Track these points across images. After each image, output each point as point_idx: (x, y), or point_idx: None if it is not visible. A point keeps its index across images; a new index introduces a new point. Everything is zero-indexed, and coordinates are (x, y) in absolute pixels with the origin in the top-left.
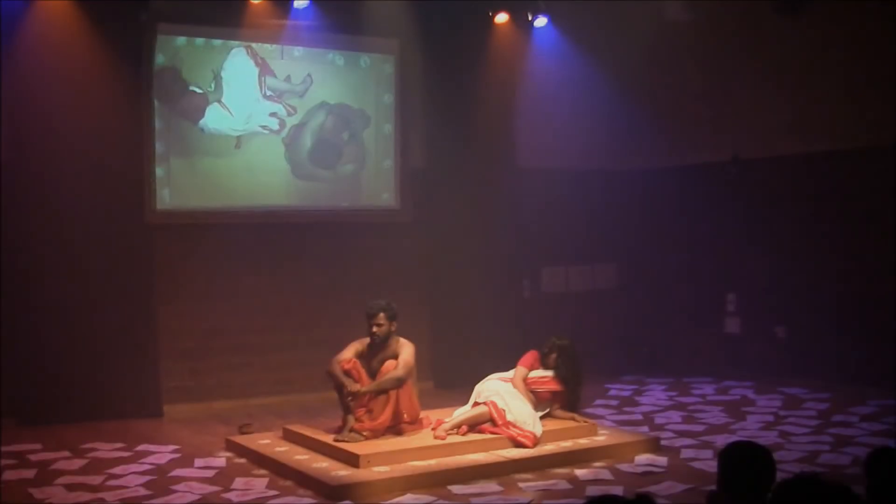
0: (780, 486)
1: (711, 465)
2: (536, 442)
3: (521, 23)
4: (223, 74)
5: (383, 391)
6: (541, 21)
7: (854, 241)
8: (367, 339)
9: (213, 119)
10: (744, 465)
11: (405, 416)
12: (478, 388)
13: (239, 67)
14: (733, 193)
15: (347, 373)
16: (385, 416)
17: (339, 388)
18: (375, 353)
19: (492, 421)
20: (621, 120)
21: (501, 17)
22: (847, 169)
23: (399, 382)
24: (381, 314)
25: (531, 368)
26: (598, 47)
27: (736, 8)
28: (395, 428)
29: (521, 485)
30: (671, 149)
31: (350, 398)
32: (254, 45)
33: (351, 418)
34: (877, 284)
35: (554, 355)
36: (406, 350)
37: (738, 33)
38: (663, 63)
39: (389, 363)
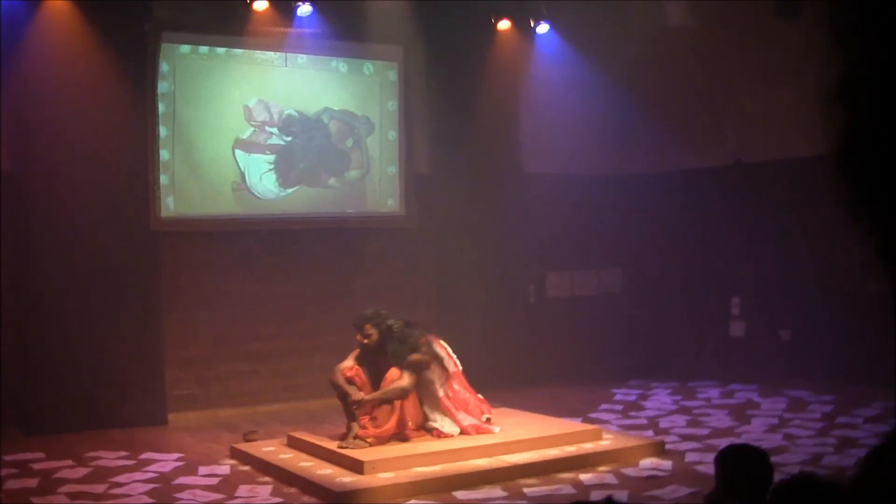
0: (779, 486)
1: None
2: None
3: (524, 29)
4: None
5: (388, 401)
6: (543, 27)
7: (858, 243)
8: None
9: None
10: (741, 467)
11: (410, 423)
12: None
13: None
14: (737, 197)
15: (350, 380)
16: (390, 424)
17: (343, 396)
18: (378, 357)
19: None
20: (624, 124)
21: (504, 24)
22: None
23: (404, 393)
24: (367, 325)
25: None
26: (600, 52)
27: (737, 11)
28: (401, 435)
29: (525, 490)
30: (674, 153)
31: (354, 406)
32: (258, 53)
33: (355, 425)
34: (881, 285)
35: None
36: (419, 357)
37: (740, 37)
38: (665, 67)
39: (393, 371)
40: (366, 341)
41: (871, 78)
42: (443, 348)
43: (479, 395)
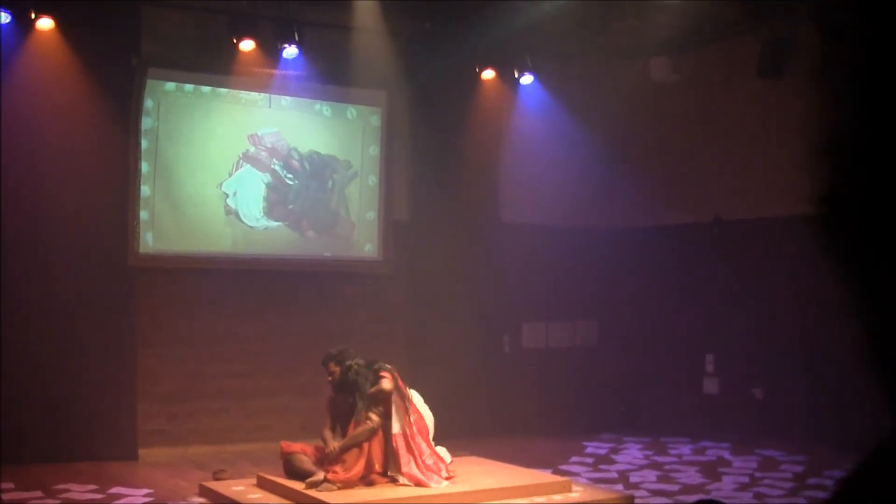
0: None
1: None
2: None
3: (508, 79)
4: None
5: (358, 444)
6: (527, 78)
7: (833, 304)
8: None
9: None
10: None
11: (376, 465)
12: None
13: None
14: (714, 254)
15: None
16: (358, 467)
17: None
18: (342, 397)
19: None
20: (604, 178)
21: (488, 74)
22: None
23: (373, 433)
24: (330, 363)
25: None
26: (582, 105)
27: (720, 70)
28: (367, 479)
29: None
30: (653, 208)
31: (326, 459)
32: (242, 93)
33: (321, 471)
34: (856, 347)
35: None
36: (385, 384)
37: (722, 95)
38: (647, 123)
39: (360, 415)
40: (329, 378)
41: (860, 135)
42: (405, 392)
43: (443, 455)
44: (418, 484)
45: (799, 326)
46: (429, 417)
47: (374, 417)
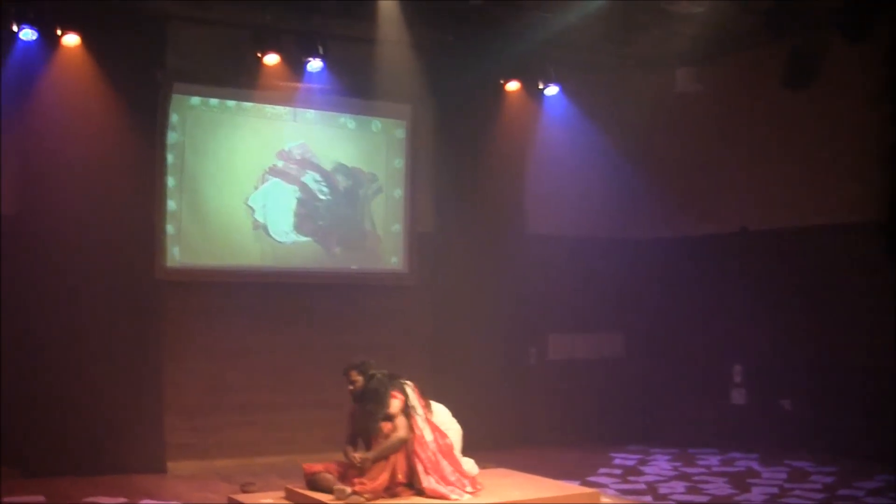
0: None
1: None
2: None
3: (533, 91)
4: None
5: (387, 455)
6: (552, 90)
7: (861, 313)
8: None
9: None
10: None
11: (399, 476)
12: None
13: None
14: (741, 264)
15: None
16: (383, 478)
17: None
18: (363, 407)
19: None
20: (630, 189)
21: (513, 85)
22: (854, 241)
23: (402, 444)
24: (352, 371)
25: None
26: (607, 116)
27: (745, 80)
28: (392, 490)
29: None
30: (680, 219)
31: (357, 468)
32: (267, 107)
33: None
34: (884, 358)
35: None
36: (394, 405)
37: (747, 105)
38: (672, 133)
39: (386, 425)
40: (350, 387)
41: None
42: (423, 408)
43: (469, 468)
44: (439, 497)
45: (827, 336)
46: (456, 431)
47: (402, 427)
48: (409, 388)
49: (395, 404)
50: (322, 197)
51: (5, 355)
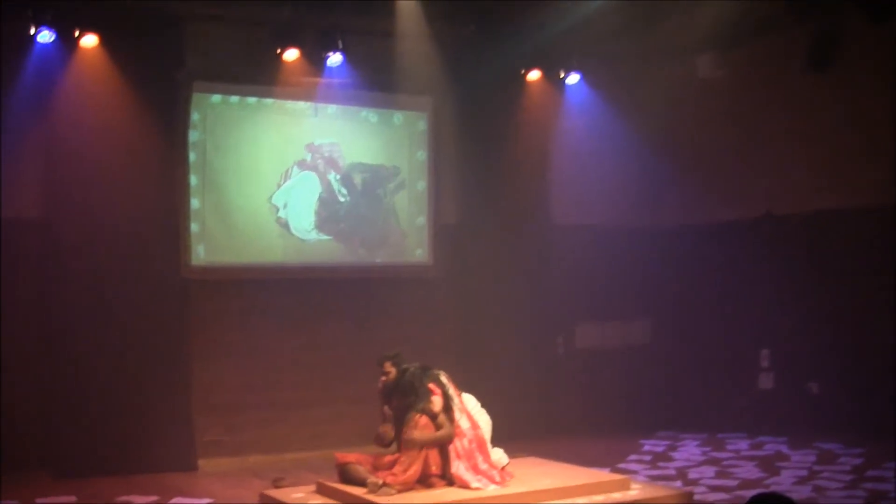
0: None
1: None
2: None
3: (554, 80)
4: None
5: (436, 444)
6: (573, 78)
7: (888, 296)
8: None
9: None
10: None
11: (433, 467)
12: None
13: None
14: (767, 249)
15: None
16: (415, 470)
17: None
18: (392, 400)
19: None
20: (654, 176)
21: (534, 74)
22: (880, 224)
23: (448, 440)
24: (386, 363)
25: None
26: (630, 104)
27: (767, 64)
28: (425, 481)
29: None
30: (704, 204)
31: (405, 445)
32: (288, 103)
33: (375, 479)
34: None
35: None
36: (437, 403)
37: (769, 89)
38: (695, 119)
39: (420, 418)
40: (383, 378)
41: None
42: (459, 398)
43: (499, 458)
44: (464, 485)
45: (853, 318)
46: (486, 421)
47: (447, 423)
48: (444, 377)
49: (437, 402)
50: (343, 199)
51: (35, 359)
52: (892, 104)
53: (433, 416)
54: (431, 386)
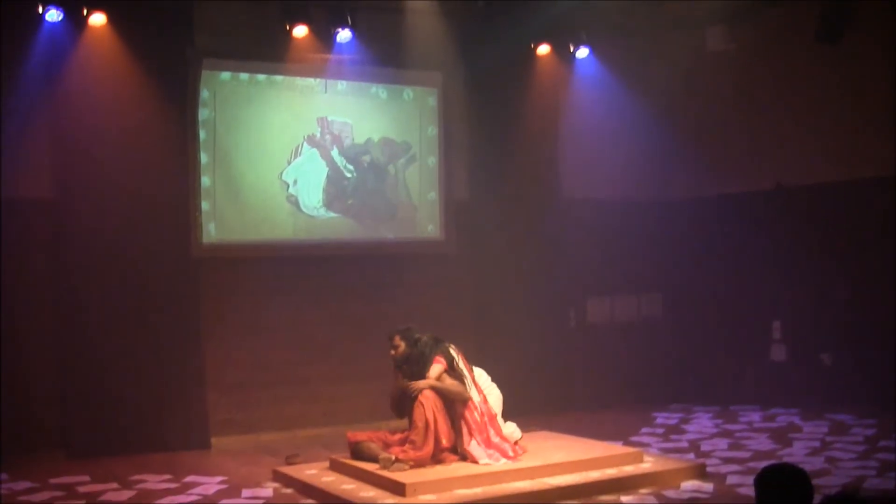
0: (823, 502)
1: None
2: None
3: (563, 54)
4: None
5: (447, 393)
6: (582, 52)
7: None
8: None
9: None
10: (781, 487)
11: (444, 441)
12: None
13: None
14: (777, 221)
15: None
16: (428, 447)
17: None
18: (409, 369)
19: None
20: (664, 150)
21: (543, 49)
22: (891, 195)
23: (461, 398)
24: (396, 336)
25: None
26: (639, 77)
27: (777, 35)
28: (437, 457)
29: None
30: (714, 178)
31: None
32: (298, 80)
33: (387, 455)
34: None
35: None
36: (434, 370)
37: (780, 61)
38: (705, 92)
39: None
40: (392, 352)
41: None
42: (470, 372)
43: (511, 432)
44: (474, 460)
45: (865, 289)
46: (496, 396)
47: (464, 389)
48: (454, 350)
49: (436, 369)
50: (349, 176)
51: (48, 340)
52: None
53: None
54: (438, 357)
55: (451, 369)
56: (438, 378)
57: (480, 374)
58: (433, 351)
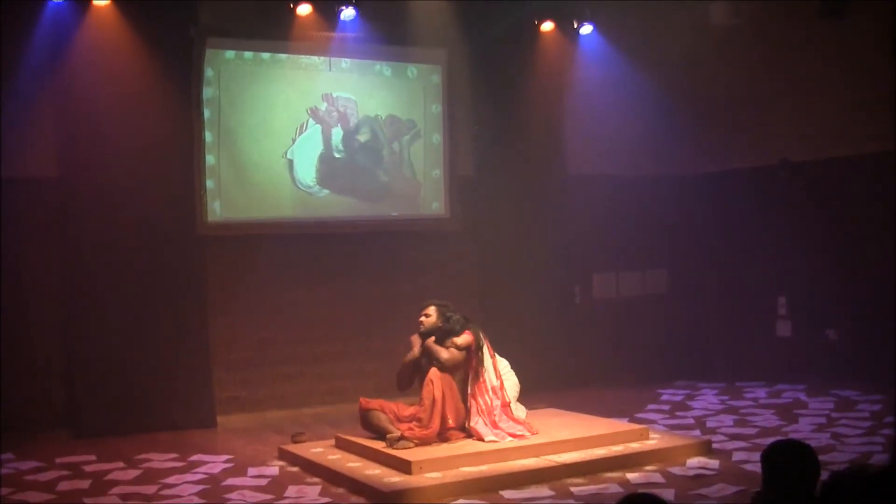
0: (831, 478)
1: None
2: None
3: (567, 30)
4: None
5: (432, 356)
6: (586, 28)
7: None
8: (420, 340)
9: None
10: (787, 463)
11: (450, 420)
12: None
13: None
14: (783, 197)
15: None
16: (434, 424)
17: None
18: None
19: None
20: (669, 125)
21: (547, 26)
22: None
23: (440, 364)
24: (431, 305)
25: None
26: (644, 53)
27: (781, 11)
28: (443, 435)
29: (572, 489)
30: (720, 153)
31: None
32: (302, 58)
33: (395, 431)
34: None
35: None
36: (463, 339)
37: (784, 36)
38: (709, 67)
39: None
40: (422, 320)
41: None
42: (492, 354)
43: (519, 420)
44: (479, 437)
45: (871, 265)
46: (513, 383)
47: (445, 352)
48: (482, 335)
49: (464, 338)
50: (337, 155)
51: (54, 319)
52: None
53: (456, 347)
54: (468, 330)
55: (478, 349)
56: (464, 346)
57: (501, 362)
58: (463, 328)
